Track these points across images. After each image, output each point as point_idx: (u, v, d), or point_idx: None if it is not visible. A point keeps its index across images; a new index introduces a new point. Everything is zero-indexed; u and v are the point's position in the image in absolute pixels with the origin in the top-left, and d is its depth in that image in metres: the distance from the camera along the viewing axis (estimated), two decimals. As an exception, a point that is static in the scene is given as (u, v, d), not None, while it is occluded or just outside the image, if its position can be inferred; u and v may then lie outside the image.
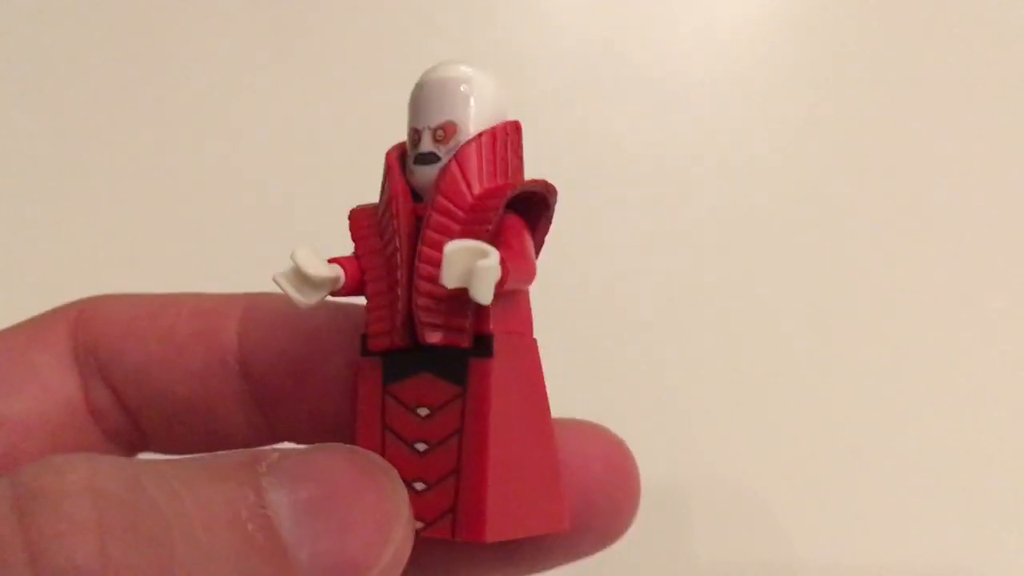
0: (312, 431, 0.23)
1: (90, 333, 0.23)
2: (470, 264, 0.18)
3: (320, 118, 0.43)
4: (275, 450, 0.18)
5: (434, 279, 0.19)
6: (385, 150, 0.21)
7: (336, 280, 0.20)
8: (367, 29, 0.45)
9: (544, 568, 0.23)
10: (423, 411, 0.20)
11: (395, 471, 0.19)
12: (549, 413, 0.21)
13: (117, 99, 0.44)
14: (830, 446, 0.36)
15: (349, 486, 0.17)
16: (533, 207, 0.20)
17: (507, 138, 0.20)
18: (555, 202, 0.20)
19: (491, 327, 0.19)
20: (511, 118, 0.21)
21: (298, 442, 0.24)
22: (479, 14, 0.46)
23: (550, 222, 0.20)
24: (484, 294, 0.18)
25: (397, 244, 0.20)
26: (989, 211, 0.41)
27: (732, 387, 0.37)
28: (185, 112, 0.44)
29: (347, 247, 0.21)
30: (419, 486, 0.19)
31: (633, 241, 0.40)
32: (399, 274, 0.20)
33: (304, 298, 0.20)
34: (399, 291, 0.19)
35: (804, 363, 0.38)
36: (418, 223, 0.20)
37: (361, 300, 0.22)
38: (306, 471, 0.17)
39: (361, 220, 0.21)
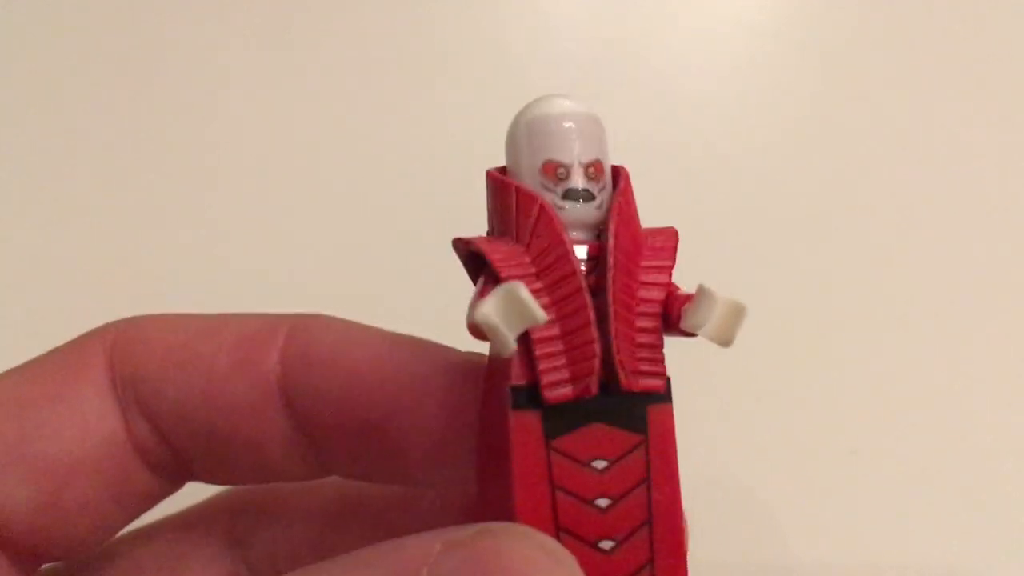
0: (361, 465, 0.22)
1: (128, 363, 0.21)
2: (716, 310, 0.18)
3: (319, 118, 0.42)
4: (435, 538, 0.16)
5: (630, 324, 0.18)
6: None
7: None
8: (366, 29, 0.45)
9: None
10: (600, 464, 0.18)
11: (573, 558, 0.17)
12: None
13: (130, 100, 0.44)
14: (830, 446, 0.36)
15: None
16: None
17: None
18: None
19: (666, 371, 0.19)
20: None
21: (344, 476, 0.23)
22: (479, 14, 0.45)
23: None
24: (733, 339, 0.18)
25: (580, 285, 0.18)
26: (993, 209, 0.41)
27: (731, 387, 0.36)
28: (203, 111, 0.43)
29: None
30: (606, 545, 0.18)
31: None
32: (587, 315, 0.18)
33: (513, 341, 0.17)
34: (592, 334, 0.18)
35: (803, 363, 0.38)
36: None
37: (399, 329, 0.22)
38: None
39: (503, 255, 0.18)
